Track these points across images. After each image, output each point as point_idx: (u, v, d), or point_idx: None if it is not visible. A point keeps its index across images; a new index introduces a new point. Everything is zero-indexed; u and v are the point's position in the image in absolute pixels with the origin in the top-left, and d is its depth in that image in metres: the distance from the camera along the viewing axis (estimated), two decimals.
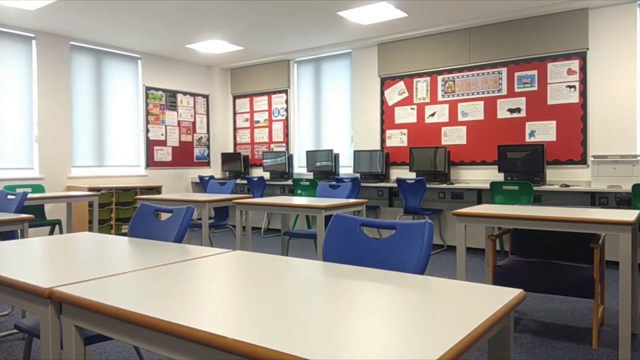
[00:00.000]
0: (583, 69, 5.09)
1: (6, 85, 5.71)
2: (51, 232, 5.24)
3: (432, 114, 6.05)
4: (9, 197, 3.18)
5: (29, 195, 4.34)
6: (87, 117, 6.50)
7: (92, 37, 6.30)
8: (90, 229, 5.78)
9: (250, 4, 5.04)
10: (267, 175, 7.40)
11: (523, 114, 5.44)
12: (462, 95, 5.83)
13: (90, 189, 5.98)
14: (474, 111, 5.75)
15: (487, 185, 5.06)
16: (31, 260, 1.49)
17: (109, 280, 1.25)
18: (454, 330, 0.86)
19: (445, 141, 5.95)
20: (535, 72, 5.36)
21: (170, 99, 7.51)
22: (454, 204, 5.77)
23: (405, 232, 1.52)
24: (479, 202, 5.57)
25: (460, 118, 5.84)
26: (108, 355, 2.59)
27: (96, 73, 6.61)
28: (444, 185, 5.46)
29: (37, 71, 5.96)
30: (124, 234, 3.88)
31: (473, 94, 5.76)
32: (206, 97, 8.07)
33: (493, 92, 5.63)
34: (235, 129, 8.13)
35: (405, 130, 6.27)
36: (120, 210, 6.31)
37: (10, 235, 2.92)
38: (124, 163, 6.94)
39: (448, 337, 0.82)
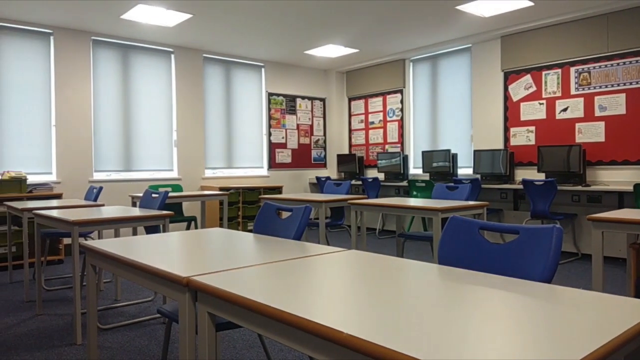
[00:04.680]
0: None
1: (151, 96, 6.45)
2: (188, 227, 5.79)
3: (564, 109, 5.56)
4: (153, 195, 3.59)
5: (170, 194, 4.85)
6: (217, 123, 7.08)
7: (222, 49, 6.85)
8: (221, 225, 6.28)
9: (366, 7, 5.08)
10: (381, 176, 7.40)
11: None
12: (600, 87, 5.27)
13: (220, 189, 6.50)
14: (614, 105, 5.16)
15: (631, 188, 4.51)
16: (171, 252, 1.68)
17: (238, 272, 1.36)
18: (584, 341, 0.79)
19: (579, 139, 5.43)
20: None
21: (290, 104, 7.87)
22: (591, 208, 5.24)
23: (530, 237, 1.43)
24: (620, 206, 4.99)
25: (598, 113, 5.29)
26: (235, 343, 2.80)
27: (225, 82, 7.17)
28: (579, 188, 4.97)
29: (176, 82, 6.63)
30: (250, 231, 4.15)
31: (612, 85, 5.17)
32: (323, 100, 8.30)
33: (637, 83, 5.00)
34: (350, 130, 8.26)
35: (532, 128, 5.84)
36: (246, 209, 6.77)
37: (154, 229, 3.30)
38: (249, 165, 7.43)
39: (577, 348, 0.76)
